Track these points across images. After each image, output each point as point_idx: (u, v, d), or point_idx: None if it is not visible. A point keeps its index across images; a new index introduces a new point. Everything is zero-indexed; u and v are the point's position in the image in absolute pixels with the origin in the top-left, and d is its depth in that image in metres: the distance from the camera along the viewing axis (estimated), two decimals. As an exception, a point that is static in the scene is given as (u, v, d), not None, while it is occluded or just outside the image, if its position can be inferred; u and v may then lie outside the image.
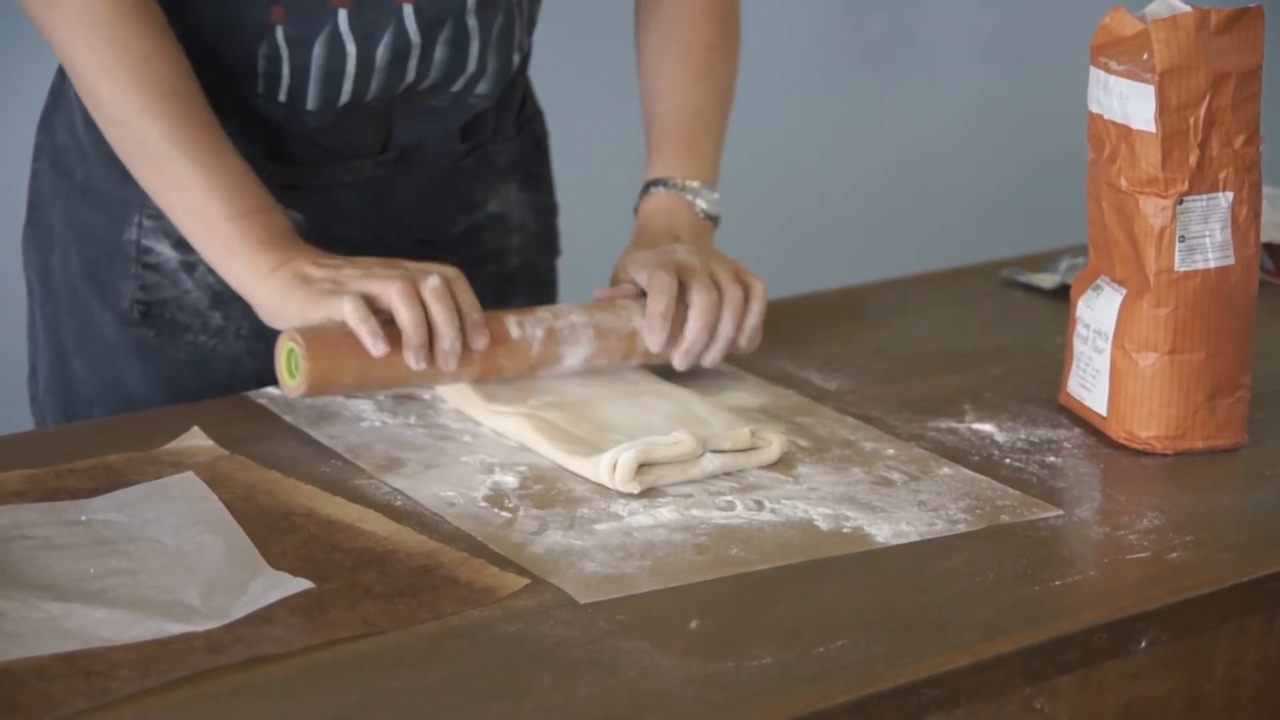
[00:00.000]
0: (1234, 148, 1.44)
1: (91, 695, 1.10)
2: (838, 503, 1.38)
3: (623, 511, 1.35)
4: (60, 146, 1.67)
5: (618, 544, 1.31)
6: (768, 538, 1.32)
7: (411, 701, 1.12)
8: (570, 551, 1.29)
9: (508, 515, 1.35)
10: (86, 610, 1.18)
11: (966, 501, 1.38)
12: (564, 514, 1.35)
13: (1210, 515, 1.38)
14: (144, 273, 1.63)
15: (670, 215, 1.66)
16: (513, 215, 1.77)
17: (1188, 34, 1.42)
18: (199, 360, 1.64)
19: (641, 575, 1.26)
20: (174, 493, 1.34)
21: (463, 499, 1.37)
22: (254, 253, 1.50)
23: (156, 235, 1.62)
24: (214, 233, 1.51)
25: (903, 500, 1.38)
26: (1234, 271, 1.46)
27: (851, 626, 1.20)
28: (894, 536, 1.33)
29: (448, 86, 1.62)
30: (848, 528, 1.34)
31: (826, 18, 3.23)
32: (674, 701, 1.12)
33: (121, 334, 1.64)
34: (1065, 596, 1.26)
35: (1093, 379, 1.50)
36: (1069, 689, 1.22)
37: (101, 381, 1.66)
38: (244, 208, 1.51)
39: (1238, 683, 1.31)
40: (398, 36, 1.57)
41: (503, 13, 1.61)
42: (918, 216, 3.56)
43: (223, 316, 1.63)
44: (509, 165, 1.75)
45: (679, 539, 1.32)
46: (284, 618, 1.19)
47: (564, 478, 1.41)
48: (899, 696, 1.14)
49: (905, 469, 1.44)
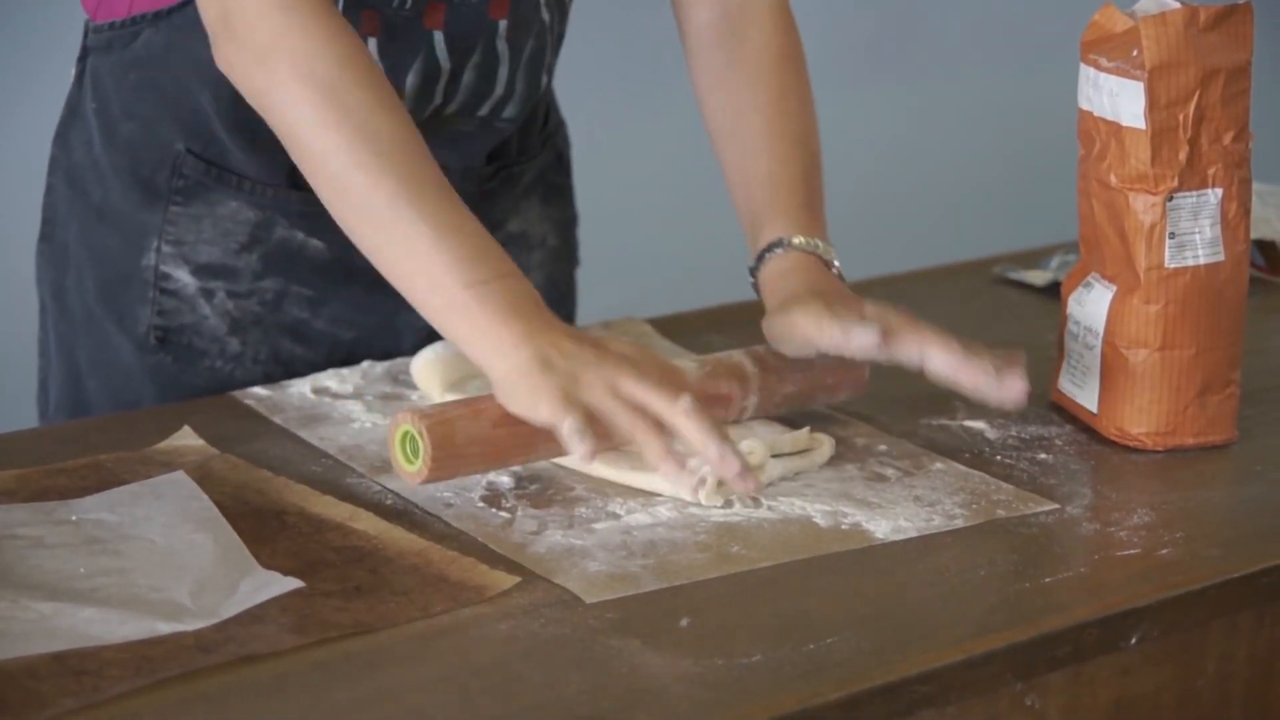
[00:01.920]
0: (1223, 144, 1.44)
1: (82, 694, 1.10)
2: (834, 499, 1.38)
3: (620, 510, 1.35)
4: (76, 164, 1.64)
5: (618, 543, 1.30)
6: (767, 535, 1.32)
7: (402, 700, 1.12)
8: (572, 551, 1.29)
9: (506, 515, 1.34)
10: (77, 610, 1.18)
11: (962, 496, 1.38)
12: (562, 513, 1.35)
13: (1201, 511, 1.38)
14: (162, 298, 1.60)
15: (808, 274, 1.50)
16: (533, 232, 1.74)
17: (1177, 31, 1.42)
18: (216, 386, 1.61)
19: (645, 574, 1.26)
20: (165, 492, 1.34)
21: (459, 499, 1.36)
22: (498, 324, 1.35)
23: (175, 261, 1.59)
24: (451, 302, 1.36)
25: (899, 496, 1.38)
26: (1224, 268, 1.46)
27: (842, 624, 1.20)
28: (893, 532, 1.33)
29: (474, 111, 1.60)
30: (846, 524, 1.34)
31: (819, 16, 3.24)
32: (664, 699, 1.12)
33: (138, 359, 1.62)
34: (1056, 593, 1.26)
35: (1083, 376, 1.51)
36: (1060, 685, 1.22)
37: (116, 404, 1.63)
38: (484, 273, 1.36)
39: (1229, 678, 1.31)
40: (427, 63, 1.54)
41: (534, 37, 1.59)
42: (909, 214, 3.56)
43: (240, 342, 1.62)
44: (532, 181, 1.72)
45: (679, 537, 1.32)
46: (275, 616, 1.19)
47: (560, 476, 1.40)
48: (890, 693, 1.14)
49: (898, 465, 1.44)
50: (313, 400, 1.52)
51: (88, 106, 1.63)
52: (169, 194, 1.58)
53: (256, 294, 1.60)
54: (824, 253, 1.52)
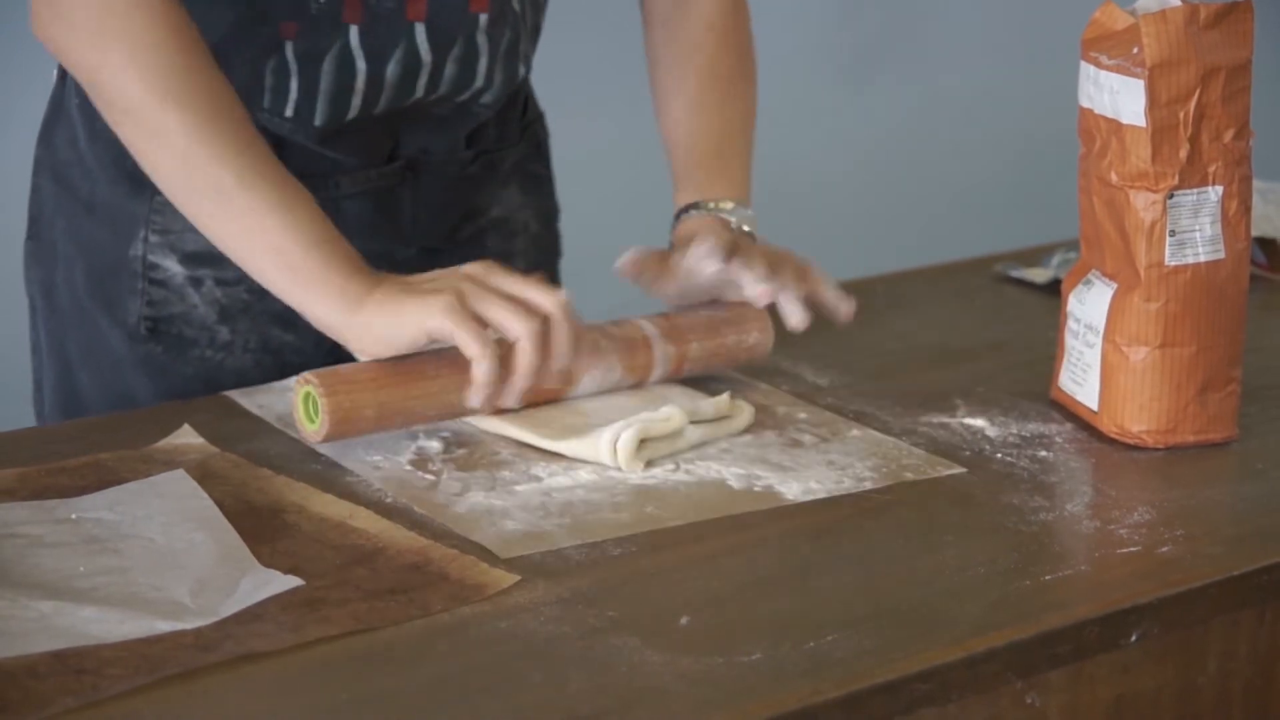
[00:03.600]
0: (1224, 142, 1.44)
1: (81, 693, 1.10)
2: (750, 463, 1.42)
3: (543, 474, 1.40)
4: (62, 161, 1.64)
5: (537, 504, 1.35)
6: (681, 496, 1.37)
7: (402, 699, 1.12)
8: (491, 511, 1.33)
9: (431, 478, 1.39)
10: (77, 608, 1.18)
11: (873, 460, 1.43)
12: (486, 476, 1.39)
13: (1201, 509, 1.38)
14: (151, 288, 1.61)
15: (708, 234, 1.60)
16: (516, 219, 1.76)
17: (1177, 28, 1.42)
18: (207, 374, 1.62)
19: (560, 532, 1.30)
20: (165, 490, 1.34)
21: (388, 462, 1.41)
22: (345, 279, 1.41)
23: (163, 251, 1.60)
24: (293, 266, 1.42)
25: (812, 460, 1.43)
26: (1224, 265, 1.46)
27: (842, 621, 1.20)
28: (803, 494, 1.37)
29: (454, 98, 1.62)
30: (759, 486, 1.39)
31: (817, 15, 3.23)
32: (664, 697, 1.12)
33: (129, 349, 1.63)
34: (1056, 591, 1.26)
35: (1084, 374, 1.50)
36: (1060, 683, 1.22)
37: (109, 396, 1.64)
38: (321, 236, 1.43)
39: (1229, 676, 1.31)
40: (408, 55, 1.56)
41: (509, 28, 1.61)
42: (910, 212, 3.56)
43: (230, 331, 1.62)
44: (511, 169, 1.74)
45: (596, 499, 1.36)
46: (274, 615, 1.19)
47: (487, 442, 1.44)
48: (890, 691, 1.14)
49: (816, 431, 1.48)
50: None
51: (71, 103, 1.63)
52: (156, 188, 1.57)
53: (244, 281, 1.58)
54: (728, 213, 1.63)
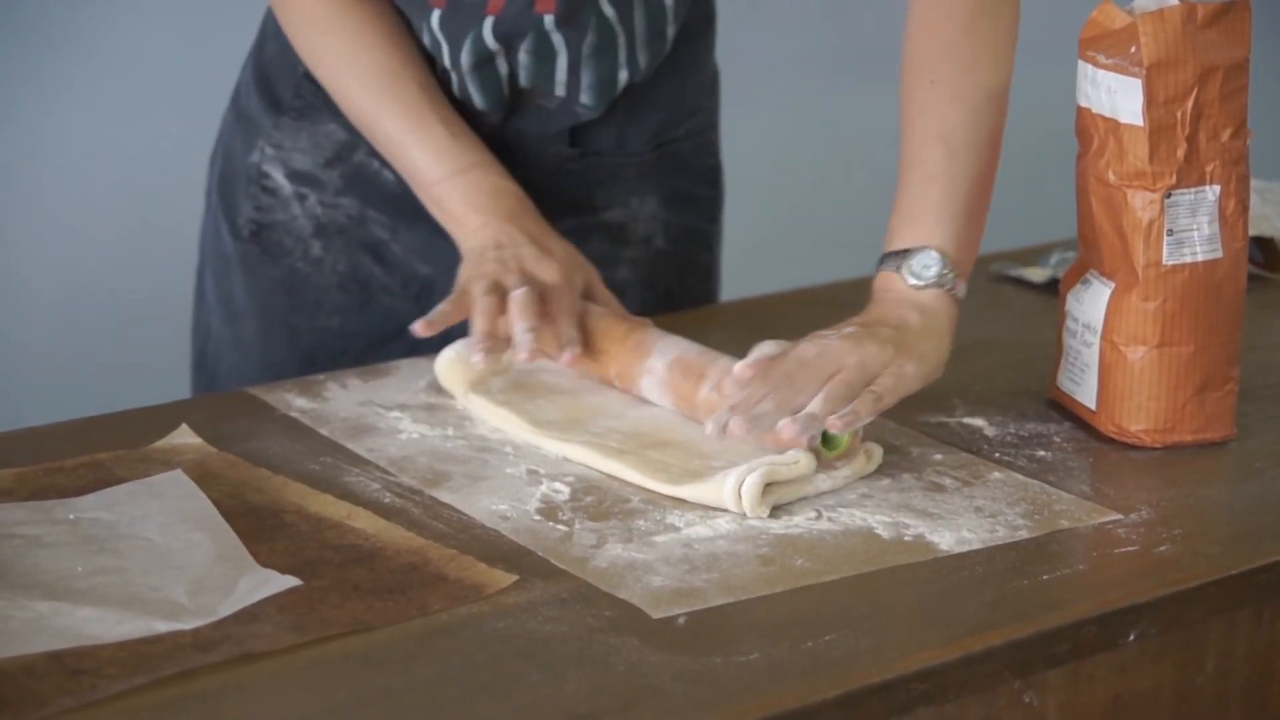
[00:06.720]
0: (1221, 141, 1.44)
1: (79, 693, 1.10)
2: (894, 510, 1.36)
3: (679, 523, 1.33)
4: (240, 84, 1.80)
5: (680, 556, 1.28)
6: (830, 547, 1.30)
7: (400, 698, 1.12)
8: (634, 565, 1.27)
9: (564, 528, 1.32)
10: (74, 608, 1.18)
11: (1023, 507, 1.36)
12: (621, 526, 1.33)
13: (1199, 508, 1.38)
14: (261, 195, 1.74)
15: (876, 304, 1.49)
16: (636, 228, 1.78)
17: (1175, 27, 1.42)
18: (293, 284, 1.74)
19: (710, 588, 1.24)
20: (162, 490, 1.34)
21: (515, 512, 1.34)
22: (463, 212, 1.60)
23: (275, 163, 1.73)
24: (426, 195, 1.63)
25: (959, 507, 1.36)
26: (1222, 264, 1.46)
27: (839, 621, 1.20)
28: (957, 544, 1.31)
29: (549, 90, 1.66)
30: (909, 535, 1.32)
31: (815, 14, 3.23)
32: (662, 697, 1.12)
33: (236, 248, 1.76)
34: (1054, 590, 1.26)
35: (1082, 373, 1.51)
36: (1058, 682, 1.22)
37: (220, 292, 1.78)
38: (455, 167, 1.61)
39: (1227, 675, 1.31)
40: (476, 44, 1.63)
41: (593, 32, 1.63)
42: (910, 211, 3.56)
43: (322, 247, 1.73)
44: (638, 177, 1.76)
45: (741, 550, 1.29)
46: (272, 615, 1.19)
47: (615, 488, 1.39)
48: (887, 690, 1.14)
49: (955, 474, 1.41)
50: (359, 411, 1.52)
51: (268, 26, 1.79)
52: (288, 109, 1.74)
53: (342, 207, 1.73)
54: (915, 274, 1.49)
